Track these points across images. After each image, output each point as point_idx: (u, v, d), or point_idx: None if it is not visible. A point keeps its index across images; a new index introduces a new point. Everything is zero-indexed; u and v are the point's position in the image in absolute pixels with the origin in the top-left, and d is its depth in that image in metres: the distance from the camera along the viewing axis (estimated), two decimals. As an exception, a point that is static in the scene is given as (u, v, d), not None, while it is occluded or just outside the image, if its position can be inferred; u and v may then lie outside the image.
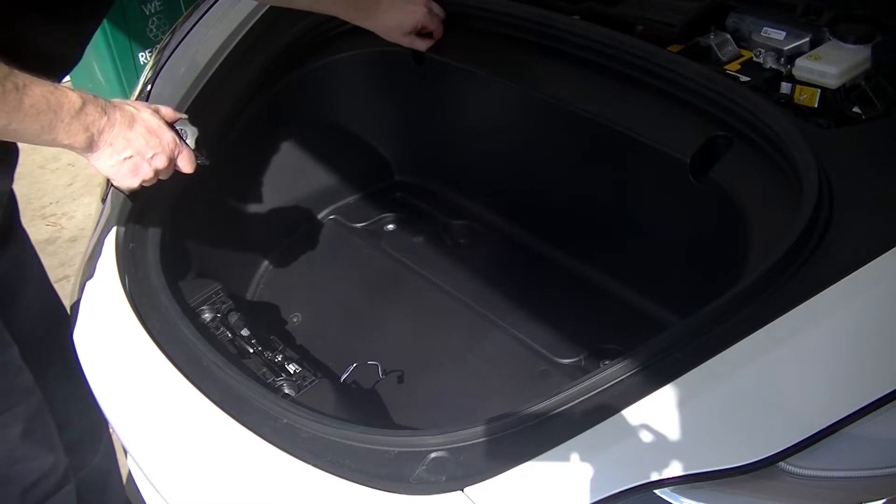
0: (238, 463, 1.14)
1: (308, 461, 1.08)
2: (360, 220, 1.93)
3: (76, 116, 1.14)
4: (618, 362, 1.04)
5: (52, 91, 1.11)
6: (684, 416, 0.98)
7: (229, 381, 1.20)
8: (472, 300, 1.68)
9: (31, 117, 1.09)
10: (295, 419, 1.13)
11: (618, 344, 1.53)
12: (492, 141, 1.81)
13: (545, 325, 1.61)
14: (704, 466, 0.96)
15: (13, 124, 1.08)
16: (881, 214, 1.14)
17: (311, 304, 1.72)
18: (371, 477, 1.04)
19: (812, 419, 0.97)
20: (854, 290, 1.05)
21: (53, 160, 3.44)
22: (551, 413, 1.02)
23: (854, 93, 1.35)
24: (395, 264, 1.80)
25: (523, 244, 1.81)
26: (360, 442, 1.08)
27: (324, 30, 1.76)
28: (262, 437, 1.13)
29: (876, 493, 0.96)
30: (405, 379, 1.53)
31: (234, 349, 1.35)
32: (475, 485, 0.99)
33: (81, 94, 1.15)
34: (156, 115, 1.25)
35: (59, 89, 1.13)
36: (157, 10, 3.38)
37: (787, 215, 1.16)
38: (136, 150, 1.22)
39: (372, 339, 1.63)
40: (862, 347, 1.04)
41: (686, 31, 1.55)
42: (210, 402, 1.19)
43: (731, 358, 1.01)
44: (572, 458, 0.98)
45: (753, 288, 1.07)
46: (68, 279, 2.70)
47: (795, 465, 0.96)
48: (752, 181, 1.31)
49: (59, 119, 1.12)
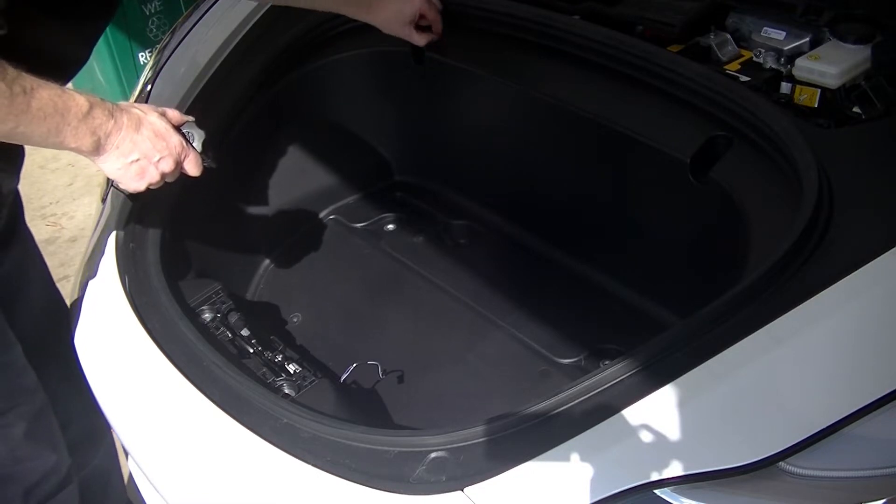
0: (238, 463, 1.14)
1: (308, 461, 1.08)
2: (360, 220, 1.93)
3: (83, 120, 1.14)
4: (618, 362, 1.04)
5: (60, 94, 1.11)
6: (684, 416, 0.98)
7: (229, 381, 1.20)
8: (472, 300, 1.68)
9: (39, 121, 1.09)
10: (295, 419, 1.12)
11: (618, 344, 1.53)
12: (492, 141, 1.81)
13: (545, 325, 1.61)
14: (704, 466, 0.96)
15: (20, 127, 1.09)
16: (881, 214, 1.14)
17: (311, 304, 1.72)
18: (371, 477, 1.04)
19: (812, 419, 0.97)
20: (854, 290, 1.05)
21: (53, 160, 3.44)
22: (551, 413, 1.02)
23: (854, 93, 1.35)
24: (395, 264, 1.80)
25: (523, 244, 1.81)
26: (360, 442, 1.08)
27: (324, 30, 1.76)
28: (262, 437, 1.12)
29: (876, 493, 0.96)
30: (405, 379, 1.53)
31: (234, 349, 1.35)
32: (475, 485, 0.99)
33: (89, 97, 1.16)
34: (163, 119, 1.26)
35: (67, 93, 1.13)
36: (157, 10, 3.37)
37: (787, 215, 1.16)
38: (142, 153, 1.22)
39: (372, 339, 1.63)
40: (862, 347, 1.04)
41: (686, 31, 1.55)
42: (210, 402, 1.19)
43: (731, 358, 1.01)
44: (572, 458, 0.98)
45: (753, 288, 1.07)
46: (68, 279, 2.69)
47: (795, 465, 0.96)
48: (752, 181, 1.31)
49: (66, 122, 1.12)
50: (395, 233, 1.90)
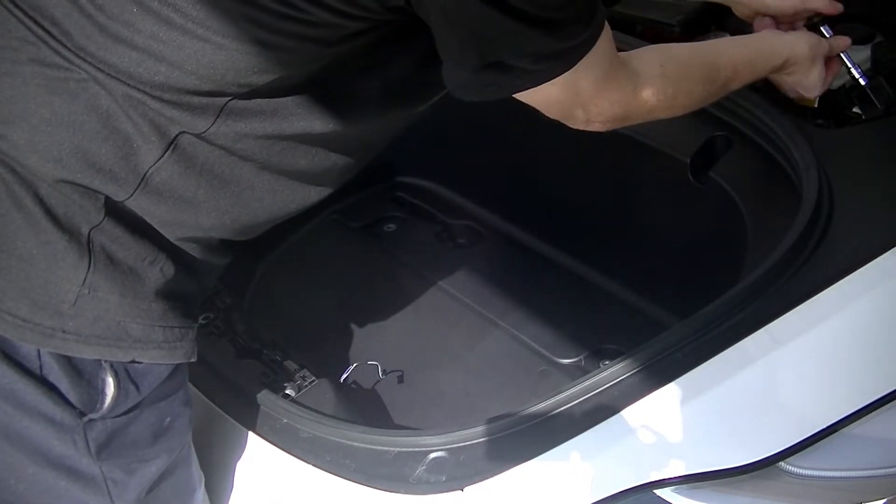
0: (238, 463, 1.14)
1: (308, 461, 1.08)
2: (360, 220, 1.93)
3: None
4: (618, 362, 1.03)
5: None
6: (684, 416, 0.98)
7: (229, 381, 1.20)
8: (472, 300, 1.68)
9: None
10: (295, 419, 1.12)
11: (618, 344, 1.53)
12: (492, 141, 1.81)
13: (545, 325, 1.60)
14: (704, 466, 0.96)
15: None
16: (881, 214, 1.14)
17: (311, 303, 1.72)
18: (371, 477, 1.04)
19: (812, 419, 0.97)
20: (854, 290, 1.05)
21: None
22: (551, 413, 1.02)
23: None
24: (395, 264, 1.80)
25: (523, 244, 1.81)
26: (360, 442, 1.08)
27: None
28: (262, 436, 1.13)
29: (876, 493, 0.96)
30: (405, 379, 1.53)
31: (234, 349, 1.35)
32: (475, 485, 0.99)
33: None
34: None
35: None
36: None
37: (787, 215, 1.16)
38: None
39: (372, 339, 1.63)
40: (862, 347, 1.04)
41: (686, 31, 1.55)
42: (210, 402, 1.19)
43: (731, 358, 1.01)
44: (572, 458, 0.98)
45: (753, 288, 1.07)
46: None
47: (795, 465, 0.96)
48: (752, 181, 1.31)
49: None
50: (395, 233, 1.90)
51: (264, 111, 0.92)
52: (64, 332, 0.89)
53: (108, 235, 0.91)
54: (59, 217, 0.89)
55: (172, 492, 1.06)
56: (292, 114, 0.93)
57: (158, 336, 0.94)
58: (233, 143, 0.92)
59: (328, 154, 1.00)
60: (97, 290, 0.90)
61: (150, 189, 0.91)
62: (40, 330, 0.88)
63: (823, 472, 0.97)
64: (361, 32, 0.90)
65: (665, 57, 1.10)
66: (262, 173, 0.97)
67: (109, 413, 0.94)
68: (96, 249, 0.90)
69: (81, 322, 0.89)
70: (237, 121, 0.91)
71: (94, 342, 0.90)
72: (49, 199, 0.89)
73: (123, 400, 0.94)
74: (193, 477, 1.09)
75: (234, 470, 1.15)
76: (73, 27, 0.88)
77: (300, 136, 0.95)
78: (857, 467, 0.98)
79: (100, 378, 0.92)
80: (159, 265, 0.94)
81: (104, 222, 0.90)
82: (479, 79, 0.91)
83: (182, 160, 0.91)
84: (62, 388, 0.91)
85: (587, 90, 0.99)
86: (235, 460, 1.14)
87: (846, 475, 0.98)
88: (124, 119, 0.88)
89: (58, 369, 0.90)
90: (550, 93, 0.96)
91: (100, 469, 0.95)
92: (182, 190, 0.92)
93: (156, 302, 0.94)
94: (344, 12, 0.86)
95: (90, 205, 0.90)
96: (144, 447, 0.99)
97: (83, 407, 0.92)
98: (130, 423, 0.97)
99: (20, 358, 0.89)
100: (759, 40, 1.27)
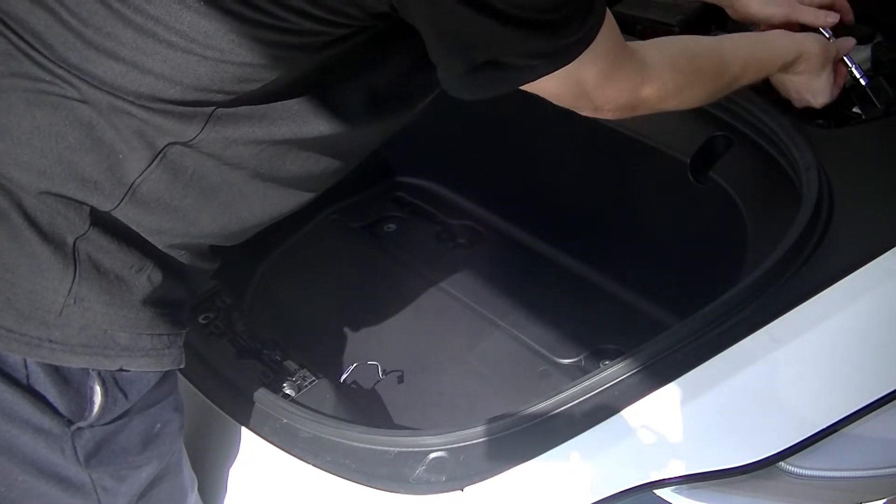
0: (237, 463, 1.14)
1: (308, 461, 1.08)
2: (360, 220, 1.93)
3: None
4: (618, 362, 1.03)
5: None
6: (684, 416, 0.98)
7: (229, 381, 1.20)
8: (472, 300, 1.68)
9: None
10: (295, 419, 1.12)
11: (618, 344, 1.53)
12: (492, 141, 1.81)
13: (545, 325, 1.61)
14: (704, 466, 0.96)
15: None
16: (881, 214, 1.14)
17: (311, 303, 1.72)
18: (371, 477, 1.04)
19: (812, 419, 0.97)
20: (854, 290, 1.05)
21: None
22: (551, 413, 1.02)
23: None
24: (395, 264, 1.80)
25: (523, 244, 1.81)
26: (360, 442, 1.08)
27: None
28: (262, 436, 1.13)
29: (876, 493, 0.96)
30: (405, 379, 1.53)
31: (234, 349, 1.35)
32: (475, 485, 0.99)
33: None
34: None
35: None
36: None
37: (788, 215, 1.16)
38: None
39: (372, 339, 1.63)
40: (862, 347, 1.04)
41: (686, 31, 1.55)
42: (209, 402, 1.19)
43: (731, 358, 1.01)
44: (572, 458, 0.98)
45: (753, 288, 1.07)
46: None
47: (795, 465, 0.96)
48: (752, 181, 1.31)
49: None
50: (395, 233, 1.90)
51: (253, 116, 0.91)
52: (51, 341, 0.88)
53: (94, 245, 0.90)
54: (44, 228, 0.88)
55: (164, 497, 1.05)
56: (281, 118, 0.92)
57: (146, 344, 0.94)
58: (222, 149, 0.91)
59: (319, 158, 1.00)
60: (83, 299, 0.89)
61: (136, 199, 0.90)
62: (26, 340, 0.87)
63: (823, 472, 0.97)
64: (346, 37, 0.89)
65: (675, 49, 1.11)
66: (253, 180, 0.96)
67: (98, 421, 0.93)
68: (82, 259, 0.89)
69: (68, 332, 0.89)
70: (226, 126, 0.90)
71: (80, 351, 0.90)
72: (33, 210, 0.88)
73: (112, 408, 0.94)
74: (185, 482, 1.09)
75: (233, 470, 1.15)
76: (56, 40, 0.87)
77: (290, 140, 0.94)
78: (857, 467, 0.98)
79: (87, 386, 0.92)
80: (146, 273, 0.93)
81: (90, 232, 0.89)
82: (475, 77, 0.91)
83: (170, 170, 0.90)
84: (49, 397, 0.90)
85: (592, 81, 0.99)
86: (235, 460, 1.14)
87: (846, 475, 0.98)
88: (109, 130, 0.88)
89: (45, 378, 0.89)
90: (555, 84, 0.96)
91: (89, 477, 0.95)
92: (170, 199, 0.92)
93: (143, 310, 0.93)
94: (327, 20, 0.86)
95: (75, 215, 0.89)
96: (134, 454, 0.98)
97: (71, 415, 0.91)
98: (119, 430, 0.96)
99: (7, 368, 0.88)
100: (769, 36, 1.28)
